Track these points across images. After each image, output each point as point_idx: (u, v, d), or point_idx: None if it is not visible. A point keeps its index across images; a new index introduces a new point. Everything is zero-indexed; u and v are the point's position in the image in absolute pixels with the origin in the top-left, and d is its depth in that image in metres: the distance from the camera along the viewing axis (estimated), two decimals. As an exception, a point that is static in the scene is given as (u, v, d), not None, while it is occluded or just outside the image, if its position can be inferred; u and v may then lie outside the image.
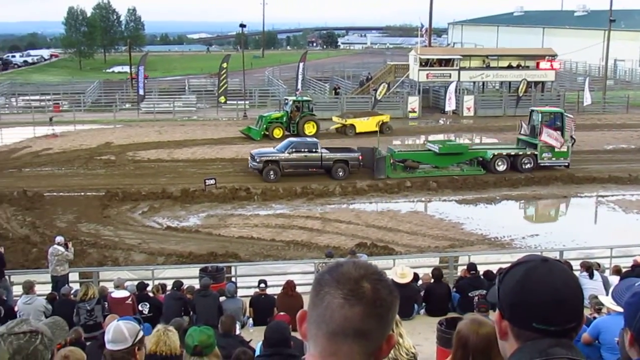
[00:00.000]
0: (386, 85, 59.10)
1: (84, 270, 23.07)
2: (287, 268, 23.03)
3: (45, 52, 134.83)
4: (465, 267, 18.81)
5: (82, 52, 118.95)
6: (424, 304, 17.24)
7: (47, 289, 19.19)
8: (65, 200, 33.68)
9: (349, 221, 30.84)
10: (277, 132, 47.90)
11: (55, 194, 34.50)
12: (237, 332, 12.66)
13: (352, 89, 70.92)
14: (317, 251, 26.39)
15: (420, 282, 18.20)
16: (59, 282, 19.82)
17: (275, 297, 16.52)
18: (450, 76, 59.37)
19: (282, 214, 32.16)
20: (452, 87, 56.85)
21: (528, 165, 39.26)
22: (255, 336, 12.73)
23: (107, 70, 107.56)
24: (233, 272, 21.51)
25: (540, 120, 39.96)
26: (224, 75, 58.91)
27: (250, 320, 16.18)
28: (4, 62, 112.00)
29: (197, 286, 16.67)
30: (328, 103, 60.52)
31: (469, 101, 59.49)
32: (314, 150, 38.28)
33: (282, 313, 13.75)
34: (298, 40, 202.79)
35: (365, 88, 66.92)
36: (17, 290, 19.59)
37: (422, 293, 17.27)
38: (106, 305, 14.95)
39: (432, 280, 17.64)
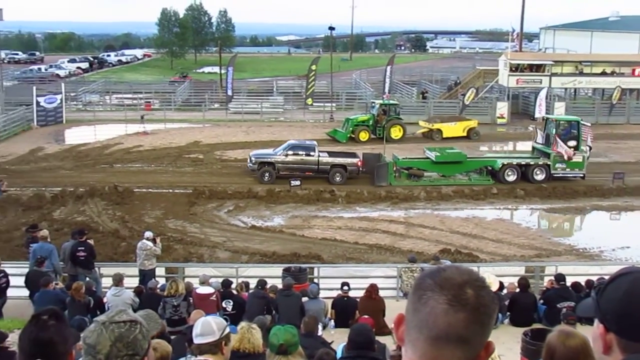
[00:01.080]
0: (474, 90, 58.45)
1: (170, 266, 23.51)
2: (369, 271, 22.97)
3: (138, 52, 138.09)
4: (552, 277, 18.43)
5: (173, 53, 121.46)
6: (508, 313, 16.98)
7: (135, 282, 19.63)
8: (154, 197, 34.39)
9: (433, 226, 30.59)
10: (363, 135, 47.94)
11: (144, 190, 35.27)
12: (319, 333, 12.72)
13: (439, 93, 70.37)
14: (400, 256, 26.25)
15: (505, 291, 17.93)
16: (146, 275, 20.25)
17: (358, 300, 16.51)
18: (541, 82, 58.26)
19: (365, 217, 32.12)
20: (542, 93, 55.75)
21: (540, 176, 37.58)
22: (336, 338, 12.78)
23: (198, 71, 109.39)
24: (315, 274, 21.59)
25: (554, 129, 38.51)
26: (312, 77, 59.26)
27: (332, 322, 16.24)
28: (100, 61, 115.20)
29: (280, 286, 16.80)
30: (415, 107, 60.27)
31: (559, 108, 58.20)
32: (311, 153, 37.94)
33: (365, 316, 13.74)
34: (386, 44, 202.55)
35: (453, 93, 66.33)
36: (105, 282, 20.17)
37: (506, 302, 17.01)
38: (191, 301, 15.20)
39: (518, 290, 17.34)
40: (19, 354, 3.08)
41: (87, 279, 18.83)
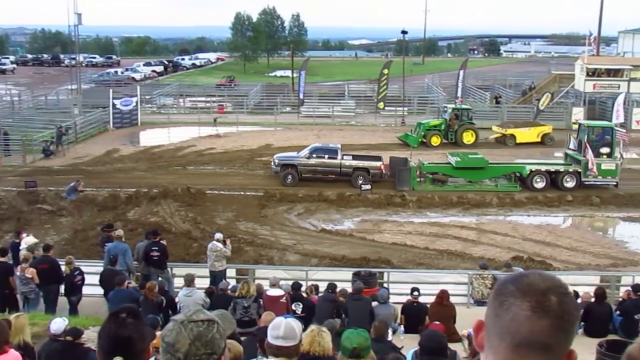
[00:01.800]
0: (549, 95, 57.46)
1: (240, 267, 23.72)
2: (439, 277, 22.79)
3: (212, 56, 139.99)
4: (629, 288, 17.97)
5: (246, 56, 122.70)
6: (582, 323, 16.63)
7: (205, 283, 19.86)
8: (226, 199, 34.76)
9: (505, 233, 30.18)
10: (435, 140, 47.65)
11: (216, 192, 35.68)
12: (389, 338, 12.67)
13: (513, 98, 69.47)
14: (471, 262, 25.97)
15: (579, 300, 17.57)
16: (216, 277, 20.48)
17: (428, 305, 16.39)
18: (619, 87, 56.83)
19: (436, 222, 31.89)
20: (620, 99, 54.37)
21: (570, 184, 36.46)
22: (405, 343, 12.72)
23: (270, 74, 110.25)
24: (385, 278, 21.52)
25: (587, 135, 37.18)
26: (384, 81, 59.14)
27: (402, 327, 16.15)
28: (174, 64, 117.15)
29: (350, 290, 16.78)
30: (488, 112, 59.63)
31: (638, 114, 56.87)
32: (334, 156, 37.68)
33: (436, 322, 13.62)
34: (459, 48, 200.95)
35: (527, 97, 65.39)
36: (177, 282, 20.46)
37: (580, 312, 16.65)
38: (261, 302, 15.30)
39: (593, 300, 16.97)
40: (98, 351, 3.14)
41: (160, 278, 19.14)
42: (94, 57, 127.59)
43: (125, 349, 3.00)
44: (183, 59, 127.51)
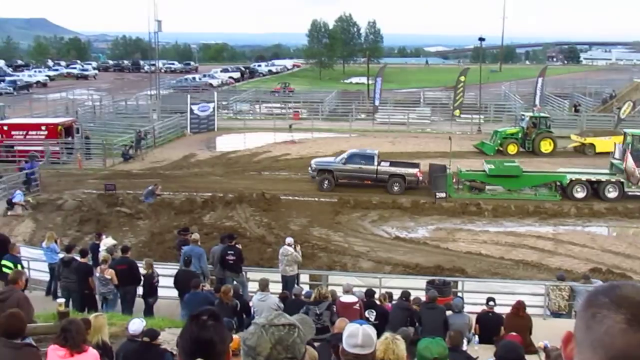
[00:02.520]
0: (631, 104, 56.07)
1: (314, 273, 23.77)
2: (515, 288, 22.39)
3: (288, 62, 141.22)
4: None
5: (322, 63, 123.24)
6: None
7: (278, 287, 19.97)
8: (300, 204, 34.93)
9: (583, 244, 29.53)
10: (512, 149, 47.00)
11: (290, 197, 35.88)
12: (464, 347, 12.53)
13: (593, 106, 68.11)
14: (548, 273, 25.52)
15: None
16: (288, 281, 20.60)
17: (503, 316, 16.15)
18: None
19: (512, 232, 31.42)
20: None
21: (612, 194, 35.29)
22: (480, 353, 12.56)
23: (345, 81, 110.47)
24: (460, 287, 21.30)
25: (630, 144, 35.94)
26: (461, 88, 58.64)
27: (476, 337, 15.95)
28: (251, 71, 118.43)
29: (424, 298, 16.66)
30: (567, 120, 58.56)
31: None
32: (371, 162, 37.29)
33: (513, 333, 13.41)
34: (537, 55, 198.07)
35: (608, 106, 64.02)
36: (251, 286, 20.61)
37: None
38: (334, 309, 15.29)
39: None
40: (179, 353, 3.17)
41: (235, 282, 19.31)
42: (173, 64, 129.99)
43: (207, 351, 3.03)
44: (259, 66, 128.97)
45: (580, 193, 35.71)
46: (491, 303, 16.39)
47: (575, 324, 2.05)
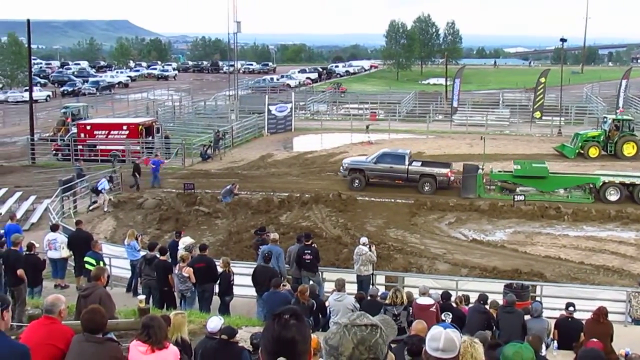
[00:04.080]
0: None
1: (389, 274, 23.69)
2: (595, 294, 21.91)
3: (365, 63, 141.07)
4: None
5: (400, 64, 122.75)
6: None
7: (352, 288, 19.97)
8: (376, 206, 34.89)
9: (667, 250, 28.76)
10: (593, 152, 46.05)
11: (367, 198, 35.86)
12: (542, 353, 12.34)
13: (679, 109, 66.20)
14: (629, 279, 24.91)
15: None
16: (362, 281, 20.59)
17: (582, 322, 15.83)
18: None
19: (592, 236, 30.75)
20: None
21: None
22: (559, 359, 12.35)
23: (423, 82, 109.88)
24: (538, 292, 20.94)
25: None
26: (541, 90, 57.68)
27: (555, 343, 15.68)
28: (328, 71, 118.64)
29: (501, 302, 16.45)
30: (651, 123, 56.97)
31: None
32: (402, 162, 36.95)
33: (594, 339, 13.14)
34: (621, 56, 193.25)
35: (694, 109, 62.15)
36: (327, 287, 20.67)
37: None
38: (410, 311, 15.23)
39: None
40: (261, 351, 3.20)
41: (311, 282, 19.40)
42: (251, 64, 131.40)
43: (289, 350, 3.05)
44: (337, 66, 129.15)
45: (613, 196, 35.18)
46: (571, 308, 16.06)
47: None
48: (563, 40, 71.73)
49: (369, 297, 16.81)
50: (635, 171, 38.08)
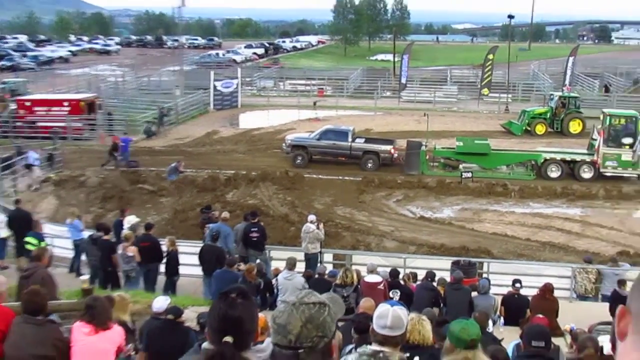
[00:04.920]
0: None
1: (337, 253, 23.83)
2: (541, 270, 22.30)
3: (313, 39, 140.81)
4: None
5: (347, 40, 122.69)
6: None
7: (300, 267, 20.00)
8: (324, 183, 34.95)
9: (611, 227, 29.33)
10: (540, 129, 46.67)
11: (314, 176, 35.89)
12: (489, 329, 12.54)
13: (624, 87, 67.39)
14: (575, 255, 25.44)
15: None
16: (310, 259, 20.68)
17: (529, 298, 16.12)
18: None
19: (539, 213, 31.28)
20: None
21: (587, 174, 35.30)
22: (505, 335, 12.55)
23: (371, 58, 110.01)
24: (485, 269, 21.26)
25: (606, 124, 35.65)
26: (489, 67, 58.16)
27: (502, 319, 15.95)
28: (275, 47, 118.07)
29: (448, 279, 16.67)
30: (596, 100, 57.97)
31: None
32: (345, 139, 37.36)
33: (539, 315, 13.39)
34: (568, 34, 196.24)
35: (639, 87, 63.32)
36: (274, 265, 20.70)
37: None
38: (360, 290, 15.33)
39: None
40: (207, 330, 3.21)
41: (258, 260, 19.42)
42: (196, 39, 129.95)
43: (235, 329, 3.06)
44: (284, 42, 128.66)
45: (554, 172, 35.83)
46: (517, 285, 16.35)
47: (630, 297, 2.06)
48: (510, 17, 72.51)
49: (316, 276, 16.90)
50: (577, 148, 38.62)
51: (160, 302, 11.02)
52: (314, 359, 2.85)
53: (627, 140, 35.43)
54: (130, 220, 21.60)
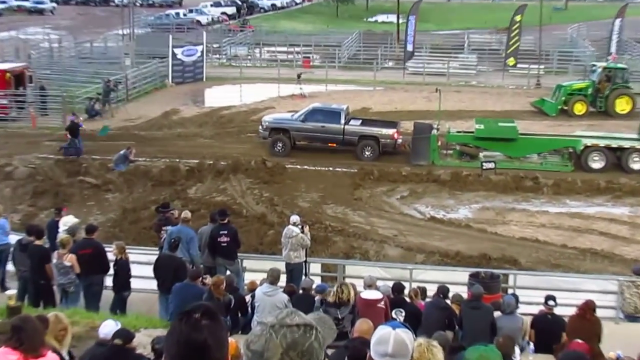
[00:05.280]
0: None
1: (327, 262, 23.84)
2: (581, 284, 22.41)
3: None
4: None
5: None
6: None
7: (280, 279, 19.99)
8: (310, 175, 34.98)
9: (667, 230, 29.53)
10: (579, 108, 46.72)
11: (298, 166, 35.94)
12: (516, 357, 12.57)
13: (684, 55, 67.59)
14: (622, 265, 25.51)
15: None
16: (293, 271, 20.61)
17: (565, 319, 16.16)
18: None
19: (578, 213, 31.36)
20: None
21: (638, 165, 35.52)
22: (536, 365, 12.62)
23: (369, 20, 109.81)
24: (511, 282, 21.32)
25: None
26: (516, 31, 58.20)
27: (531, 345, 15.98)
28: (249, 5, 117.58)
29: (466, 295, 16.69)
30: (650, 73, 58.12)
31: None
32: (336, 120, 37.31)
33: (578, 340, 13.43)
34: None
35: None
36: (247, 278, 20.69)
37: None
38: (357, 311, 15.31)
39: None
40: (165, 358, 3.18)
41: (228, 272, 19.39)
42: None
43: (200, 356, 3.02)
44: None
45: (597, 162, 35.78)
46: (551, 302, 16.37)
47: None
48: (543, -32, 72.42)
49: (301, 291, 16.90)
50: (626, 132, 38.67)
51: (109, 327, 10.99)
52: None
53: None
54: (67, 221, 21.42)
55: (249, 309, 16.73)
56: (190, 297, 15.02)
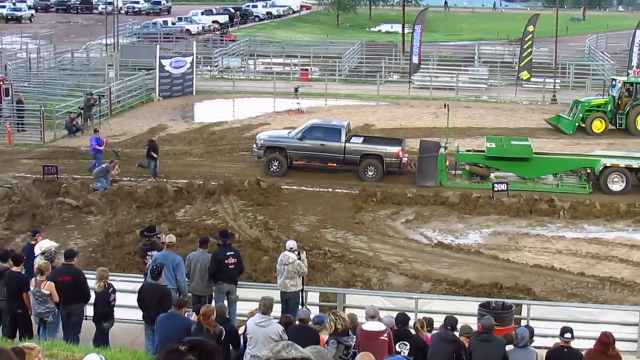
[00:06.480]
0: None
1: (325, 291, 23.82)
2: (600, 315, 22.40)
3: (294, 2, 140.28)
4: None
5: (341, 4, 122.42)
6: None
7: (276, 309, 19.94)
8: (308, 197, 35.01)
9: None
10: (598, 125, 46.74)
11: (295, 187, 35.95)
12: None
13: None
14: (644, 295, 25.58)
15: None
16: (289, 300, 20.55)
17: (583, 353, 16.15)
18: None
19: (596, 238, 31.34)
20: None
21: None
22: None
23: (372, 29, 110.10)
24: (524, 313, 21.30)
25: None
26: (529, 42, 58.34)
27: (547, 382, 15.97)
28: (243, 13, 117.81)
29: (476, 327, 16.67)
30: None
31: None
32: (336, 138, 37.29)
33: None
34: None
35: None
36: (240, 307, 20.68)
37: None
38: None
39: None
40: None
41: (226, 301, 19.37)
42: (137, 2, 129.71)
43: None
44: (255, 6, 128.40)
45: (617, 184, 35.83)
46: (567, 335, 16.36)
47: None
48: (560, -25, 72.69)
49: (297, 322, 16.86)
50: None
51: (91, 361, 10.93)
52: None
53: None
54: (43, 245, 21.33)
55: (241, 341, 16.67)
56: (174, 328, 14.98)
